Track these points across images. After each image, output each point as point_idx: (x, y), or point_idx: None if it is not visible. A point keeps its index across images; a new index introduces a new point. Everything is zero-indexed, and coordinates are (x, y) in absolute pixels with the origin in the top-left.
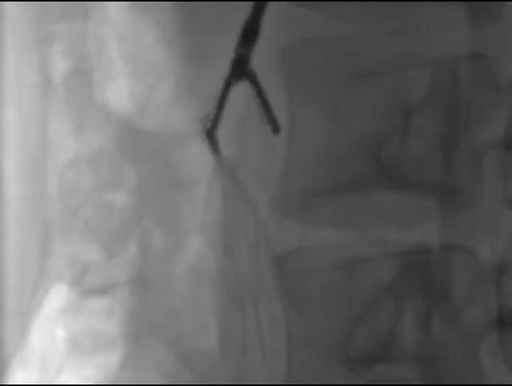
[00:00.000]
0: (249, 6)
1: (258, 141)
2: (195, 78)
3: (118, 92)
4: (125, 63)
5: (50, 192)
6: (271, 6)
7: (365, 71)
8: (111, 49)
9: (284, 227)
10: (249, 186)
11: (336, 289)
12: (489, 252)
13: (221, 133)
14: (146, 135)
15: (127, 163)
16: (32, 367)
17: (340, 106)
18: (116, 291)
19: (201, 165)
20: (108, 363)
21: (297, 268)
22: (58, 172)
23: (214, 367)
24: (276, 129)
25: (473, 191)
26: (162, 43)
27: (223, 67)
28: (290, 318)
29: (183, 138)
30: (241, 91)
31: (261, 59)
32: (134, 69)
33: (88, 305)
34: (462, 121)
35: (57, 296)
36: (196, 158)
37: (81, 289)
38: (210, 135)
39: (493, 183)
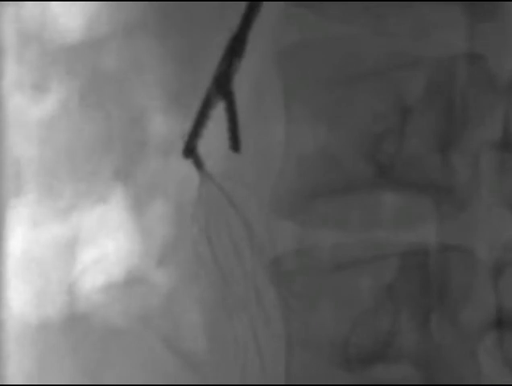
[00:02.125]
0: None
1: (255, 142)
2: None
3: None
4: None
5: None
6: (270, 6)
7: (362, 71)
8: None
9: (283, 228)
10: (241, 194)
11: (334, 290)
12: (486, 252)
13: (219, 134)
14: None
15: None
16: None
17: (337, 106)
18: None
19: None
20: None
21: (296, 269)
22: None
23: (212, 367)
24: (236, 148)
25: (471, 191)
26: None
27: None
28: (289, 318)
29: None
30: (239, 91)
31: (259, 59)
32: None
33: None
34: (459, 121)
35: None
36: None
37: None
38: (190, 151)
39: (491, 183)
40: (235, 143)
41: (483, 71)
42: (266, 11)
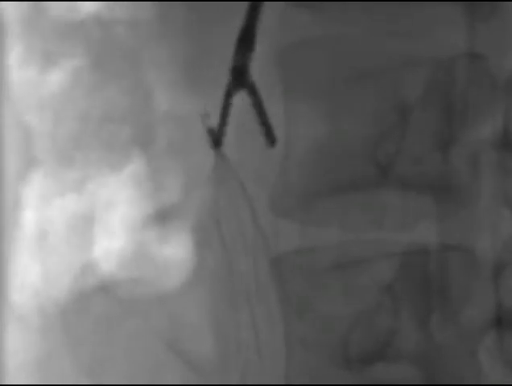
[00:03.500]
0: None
1: (256, 142)
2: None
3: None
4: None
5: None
6: (270, 6)
7: (362, 71)
8: None
9: (283, 227)
10: (248, 187)
11: (335, 289)
12: (487, 251)
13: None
14: None
15: None
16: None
17: (337, 106)
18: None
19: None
20: None
21: (296, 268)
22: None
23: (213, 368)
24: (272, 142)
25: (471, 190)
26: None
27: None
28: (289, 318)
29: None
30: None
31: (259, 59)
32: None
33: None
34: (459, 121)
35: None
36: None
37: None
38: (217, 141)
39: (491, 182)
40: (270, 137)
41: (483, 71)
42: (266, 11)
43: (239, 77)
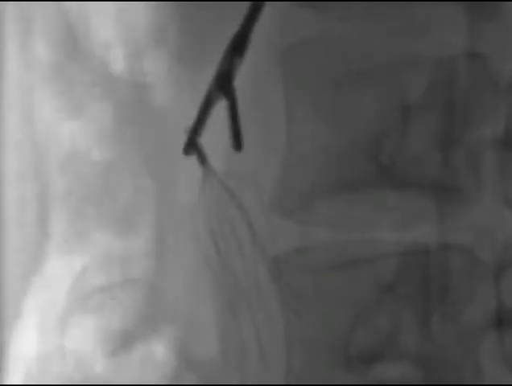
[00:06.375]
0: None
1: (256, 142)
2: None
3: None
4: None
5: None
6: (271, 5)
7: (363, 70)
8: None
9: (283, 227)
10: (242, 192)
11: (335, 289)
12: (487, 251)
13: (220, 133)
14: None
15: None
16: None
17: (338, 106)
18: (115, 291)
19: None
20: None
21: (296, 268)
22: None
23: (215, 369)
24: (238, 147)
25: (472, 191)
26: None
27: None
28: (289, 318)
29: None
30: (240, 90)
31: (260, 59)
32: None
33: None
34: (460, 120)
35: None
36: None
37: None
38: (192, 147)
39: (492, 183)
40: (237, 142)
41: (484, 71)
42: (267, 11)
43: (223, 83)
